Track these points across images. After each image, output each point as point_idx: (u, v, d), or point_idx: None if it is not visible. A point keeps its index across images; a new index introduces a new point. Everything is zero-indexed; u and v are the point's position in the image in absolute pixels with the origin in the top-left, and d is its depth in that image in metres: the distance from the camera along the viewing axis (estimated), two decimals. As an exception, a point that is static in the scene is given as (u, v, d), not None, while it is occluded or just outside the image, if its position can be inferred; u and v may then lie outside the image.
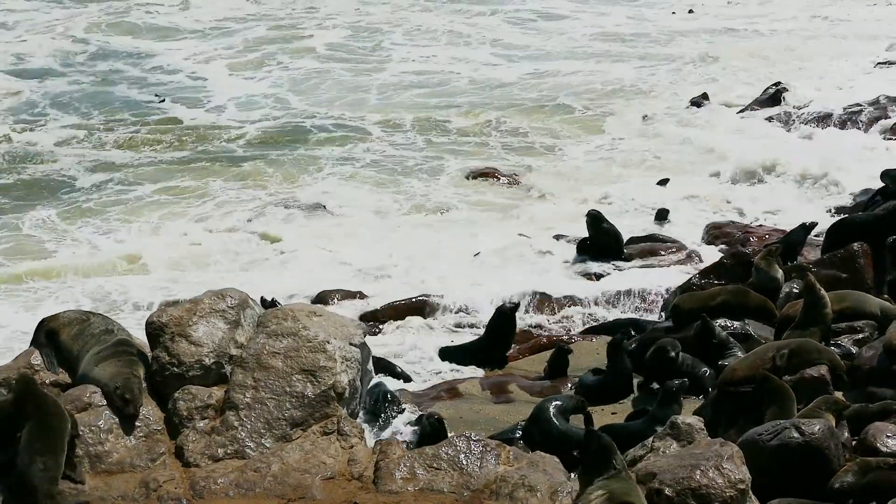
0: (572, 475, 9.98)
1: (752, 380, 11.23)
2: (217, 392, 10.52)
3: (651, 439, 10.18)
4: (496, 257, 18.70)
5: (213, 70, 32.73)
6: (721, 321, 13.42)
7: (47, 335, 10.80)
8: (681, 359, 12.57)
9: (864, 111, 24.60)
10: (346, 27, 37.44)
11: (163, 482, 9.88)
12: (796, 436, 9.86)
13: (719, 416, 11.20)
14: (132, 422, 10.20)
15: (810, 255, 16.03)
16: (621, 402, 12.64)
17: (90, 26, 37.57)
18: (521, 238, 19.54)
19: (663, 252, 18.04)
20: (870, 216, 15.57)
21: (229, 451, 10.19)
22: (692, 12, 39.07)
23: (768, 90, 27.00)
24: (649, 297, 16.40)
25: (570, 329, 15.90)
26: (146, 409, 10.34)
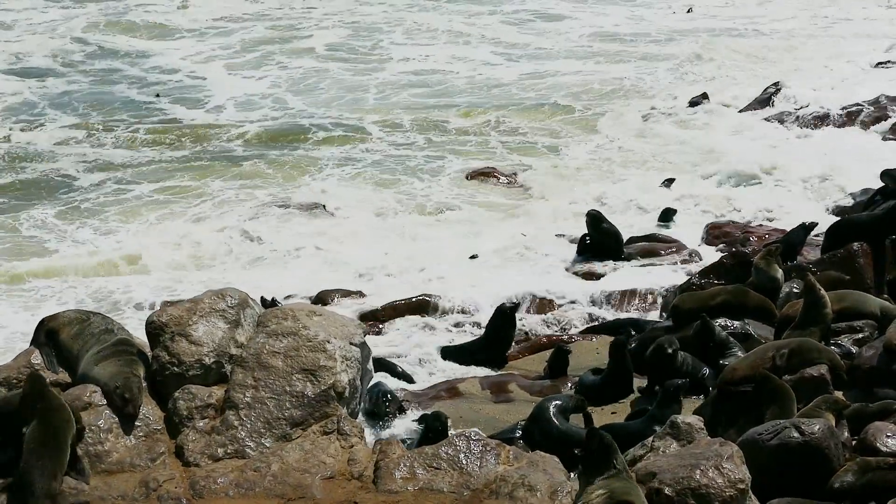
0: (572, 475, 9.98)
1: (752, 379, 11.23)
2: (217, 391, 10.52)
3: (651, 439, 10.19)
4: (496, 257, 18.70)
5: (212, 70, 32.71)
6: (721, 321, 13.41)
7: (47, 335, 10.79)
8: (681, 358, 12.57)
9: (864, 111, 24.60)
10: (345, 27, 37.41)
11: (163, 482, 9.87)
12: (796, 435, 9.87)
13: (719, 416, 11.20)
14: (132, 421, 10.19)
15: (810, 255, 16.03)
16: (621, 402, 12.64)
17: (89, 26, 37.55)
18: (521, 238, 19.54)
19: (663, 252, 18.04)
20: (869, 216, 15.56)
21: (229, 451, 10.19)
22: (691, 11, 39.04)
23: (768, 90, 26.99)
24: (649, 297, 16.39)
25: (569, 329, 15.89)
26: (146, 409, 10.34)
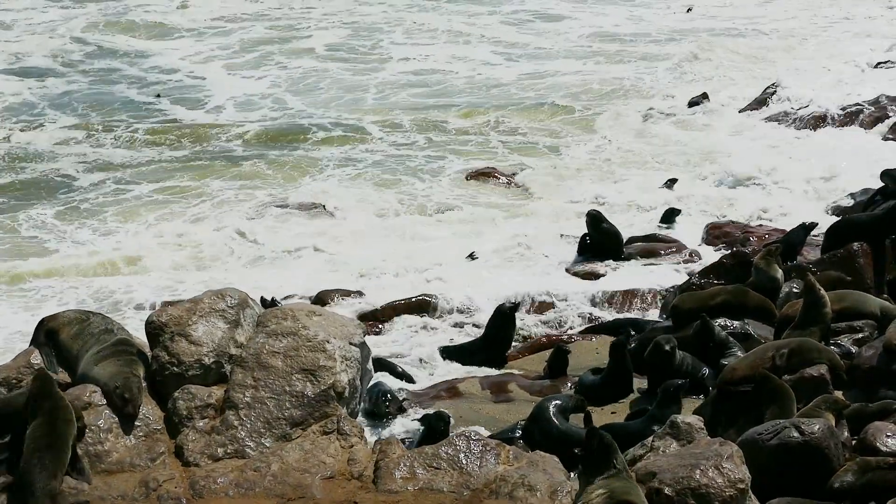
0: (572, 474, 9.98)
1: (751, 379, 11.24)
2: (217, 391, 10.52)
3: (651, 439, 10.20)
4: (496, 257, 18.70)
5: (211, 70, 32.70)
6: (721, 321, 13.43)
7: (47, 335, 10.80)
8: (680, 357, 12.56)
9: (865, 111, 24.59)
10: (344, 26, 37.40)
11: (162, 482, 9.87)
12: (796, 435, 9.87)
13: (719, 416, 11.21)
14: (132, 421, 10.20)
15: (810, 255, 16.04)
16: (621, 402, 12.64)
17: (88, 26, 37.53)
18: (521, 238, 19.53)
19: (663, 252, 18.04)
20: (869, 216, 15.56)
21: (229, 451, 10.19)
22: (690, 11, 39.02)
23: (768, 90, 26.98)
24: (649, 297, 16.39)
25: (569, 328, 15.89)
26: (146, 409, 10.34)
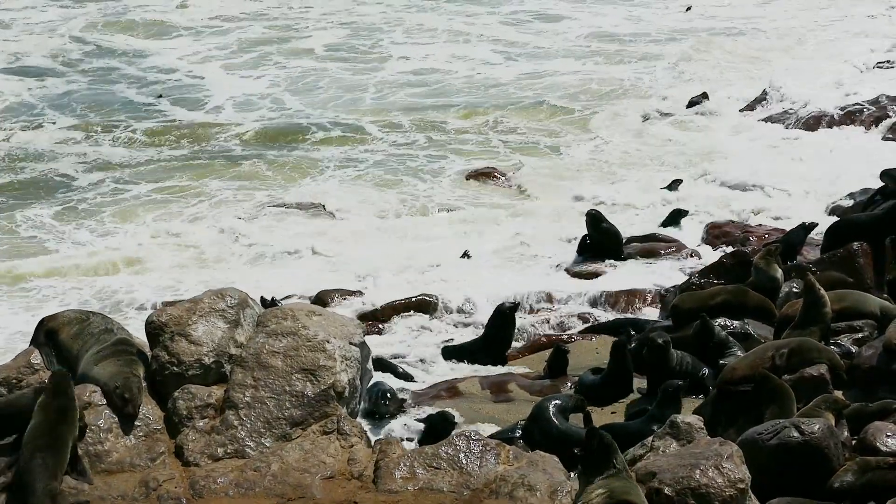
0: (572, 474, 9.98)
1: (751, 379, 11.24)
2: (217, 391, 10.52)
3: (651, 438, 10.19)
4: (496, 257, 18.71)
5: (210, 69, 32.68)
6: (721, 320, 13.43)
7: (47, 334, 10.80)
8: (679, 357, 12.55)
9: (865, 111, 24.59)
10: (343, 26, 37.39)
11: (162, 481, 9.87)
12: (796, 435, 9.87)
13: (719, 416, 11.21)
14: (132, 421, 10.20)
15: (810, 255, 16.04)
16: (621, 402, 12.64)
17: (88, 26, 37.52)
18: (520, 238, 19.54)
19: (663, 252, 18.04)
20: (869, 216, 15.56)
21: (229, 451, 10.19)
22: (689, 10, 39.00)
23: (767, 90, 26.98)
24: (648, 297, 16.39)
25: (568, 328, 15.88)
26: (146, 409, 10.34)
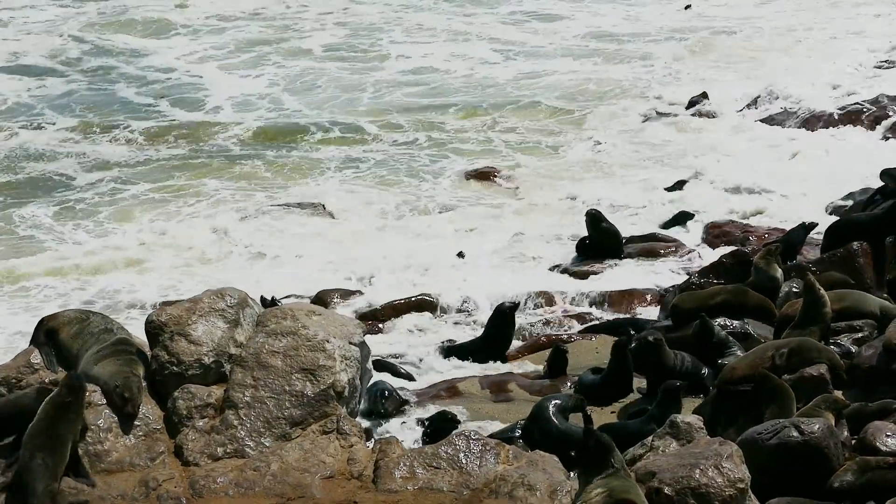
0: (572, 474, 9.98)
1: (751, 379, 11.24)
2: (216, 391, 10.53)
3: (650, 438, 10.20)
4: (496, 257, 18.70)
5: (210, 69, 32.63)
6: (720, 320, 13.42)
7: (47, 334, 10.81)
8: (679, 358, 12.55)
9: (865, 111, 24.58)
10: (341, 26, 37.37)
11: (162, 481, 9.88)
12: (796, 435, 9.88)
13: (719, 415, 11.22)
14: (131, 421, 10.21)
15: (810, 254, 16.04)
16: (621, 402, 12.64)
17: (87, 25, 37.47)
18: (520, 237, 19.54)
19: (663, 252, 18.04)
20: (869, 216, 15.55)
21: (229, 450, 10.19)
22: (689, 8, 38.97)
23: (767, 90, 26.97)
24: (648, 297, 16.39)
25: (568, 328, 15.88)
26: (145, 408, 10.35)
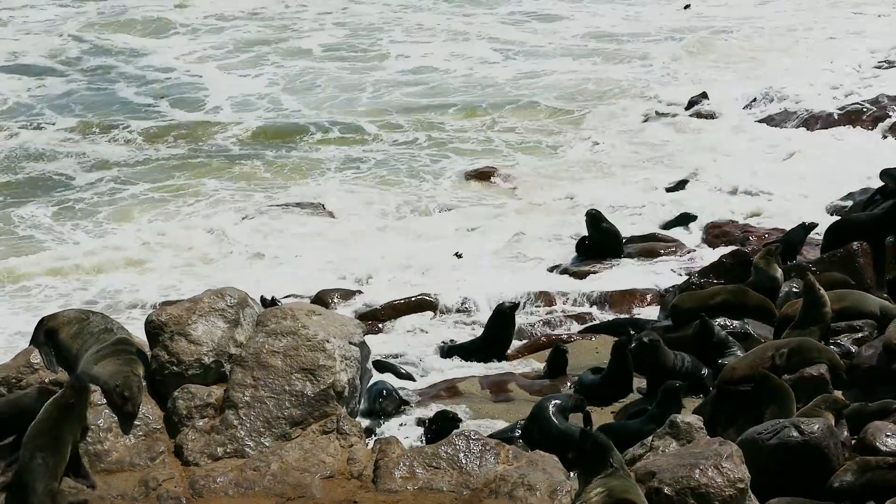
0: (571, 474, 9.97)
1: (751, 379, 11.24)
2: (216, 391, 10.53)
3: (650, 438, 10.20)
4: (495, 257, 18.71)
5: (209, 69, 32.64)
6: (720, 320, 13.42)
7: (46, 334, 10.80)
8: (680, 359, 12.54)
9: (864, 111, 24.59)
10: (340, 26, 37.36)
11: (162, 481, 9.87)
12: (796, 435, 9.88)
13: (719, 415, 11.21)
14: (131, 420, 10.21)
15: (810, 254, 16.04)
16: (621, 402, 12.64)
17: (86, 25, 37.47)
18: (520, 237, 19.54)
19: (663, 252, 18.05)
20: (869, 216, 15.55)
21: (229, 450, 10.19)
22: (688, 8, 38.96)
23: (766, 89, 26.98)
24: (648, 297, 16.38)
25: (568, 328, 15.88)
26: (145, 408, 10.34)
